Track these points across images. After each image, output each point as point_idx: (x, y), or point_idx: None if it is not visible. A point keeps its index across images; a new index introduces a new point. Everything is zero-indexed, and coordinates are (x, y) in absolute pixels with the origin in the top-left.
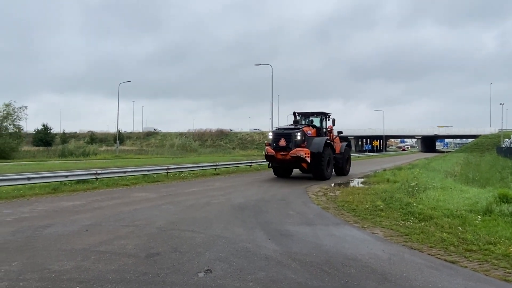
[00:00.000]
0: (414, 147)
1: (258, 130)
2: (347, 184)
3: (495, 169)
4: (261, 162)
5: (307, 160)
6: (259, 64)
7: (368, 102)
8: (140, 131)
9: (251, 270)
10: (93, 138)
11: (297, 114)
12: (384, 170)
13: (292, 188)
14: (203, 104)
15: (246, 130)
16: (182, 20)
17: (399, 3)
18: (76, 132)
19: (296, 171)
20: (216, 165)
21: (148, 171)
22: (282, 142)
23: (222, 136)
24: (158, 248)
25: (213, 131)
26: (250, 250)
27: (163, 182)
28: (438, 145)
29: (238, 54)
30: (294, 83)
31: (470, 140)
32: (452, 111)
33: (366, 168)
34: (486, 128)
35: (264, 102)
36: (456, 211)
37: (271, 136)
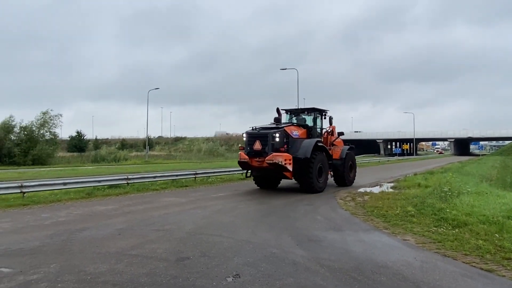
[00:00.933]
0: (446, 150)
1: None
2: (376, 189)
3: None
4: None
5: (289, 168)
6: (285, 69)
7: (397, 105)
8: (169, 136)
9: (279, 276)
10: (123, 144)
11: (284, 111)
12: (415, 174)
13: (318, 194)
14: (230, 109)
15: None
16: (211, 27)
17: (428, 4)
18: (107, 138)
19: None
20: None
21: (176, 176)
22: (257, 146)
23: None
24: (188, 253)
25: (239, 136)
26: (277, 256)
27: (191, 186)
28: (473, 147)
29: (265, 59)
30: (321, 86)
31: (507, 142)
32: (487, 113)
33: (396, 173)
34: None
35: (290, 106)
36: (493, 217)
37: (245, 137)
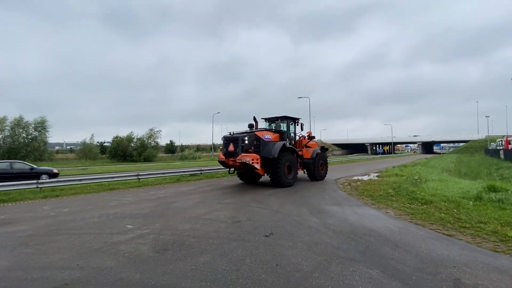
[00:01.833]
0: (416, 150)
1: None
2: (365, 178)
3: (483, 166)
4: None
5: (256, 166)
6: (301, 97)
7: (380, 119)
8: None
9: (299, 234)
10: (198, 148)
11: (263, 119)
12: (393, 167)
13: (324, 180)
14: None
15: None
16: (254, 72)
17: (402, 51)
18: (188, 145)
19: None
20: None
21: None
22: (231, 148)
23: None
24: (239, 217)
25: None
26: (298, 221)
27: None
28: (436, 148)
29: (288, 91)
30: (326, 108)
31: (461, 144)
32: (445, 123)
33: (379, 166)
34: (475, 134)
35: (304, 123)
36: (452, 198)
37: (222, 141)
